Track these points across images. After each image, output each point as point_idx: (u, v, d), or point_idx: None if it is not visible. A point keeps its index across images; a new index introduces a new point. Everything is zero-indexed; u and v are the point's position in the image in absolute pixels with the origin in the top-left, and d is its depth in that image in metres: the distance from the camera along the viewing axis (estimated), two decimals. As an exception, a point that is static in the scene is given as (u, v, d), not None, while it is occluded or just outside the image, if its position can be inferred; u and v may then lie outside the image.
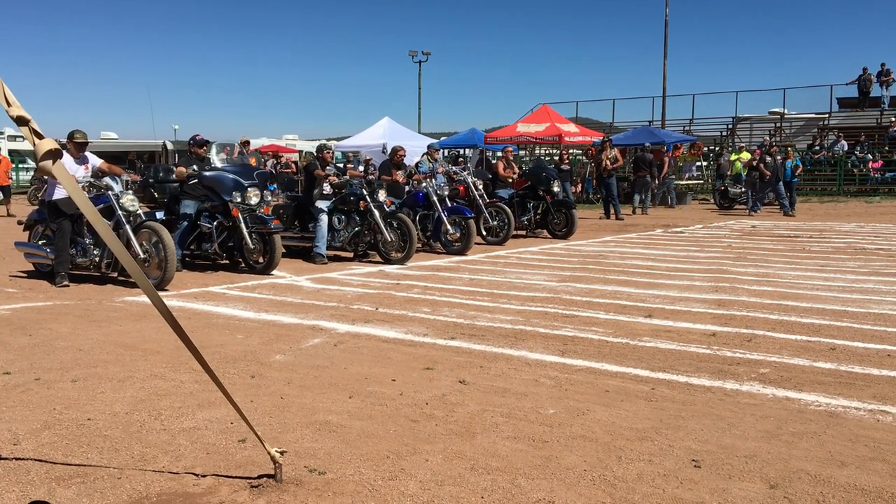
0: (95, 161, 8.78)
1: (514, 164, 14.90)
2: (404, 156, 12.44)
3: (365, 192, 10.20)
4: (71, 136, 8.52)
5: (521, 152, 29.48)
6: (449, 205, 11.68)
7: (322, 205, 10.32)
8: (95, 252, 8.13)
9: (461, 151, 27.98)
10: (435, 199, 11.47)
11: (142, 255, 7.68)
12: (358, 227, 10.30)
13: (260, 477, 3.08)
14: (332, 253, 10.51)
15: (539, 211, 14.11)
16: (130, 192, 8.11)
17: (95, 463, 3.26)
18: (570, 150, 22.87)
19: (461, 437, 3.57)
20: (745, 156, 22.44)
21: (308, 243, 10.44)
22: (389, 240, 10.02)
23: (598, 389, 4.36)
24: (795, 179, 20.54)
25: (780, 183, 19.26)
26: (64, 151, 8.17)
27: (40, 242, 8.65)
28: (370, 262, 10.26)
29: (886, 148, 28.11)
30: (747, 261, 10.23)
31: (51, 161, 2.64)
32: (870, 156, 26.90)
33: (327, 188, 10.40)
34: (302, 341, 5.56)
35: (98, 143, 33.85)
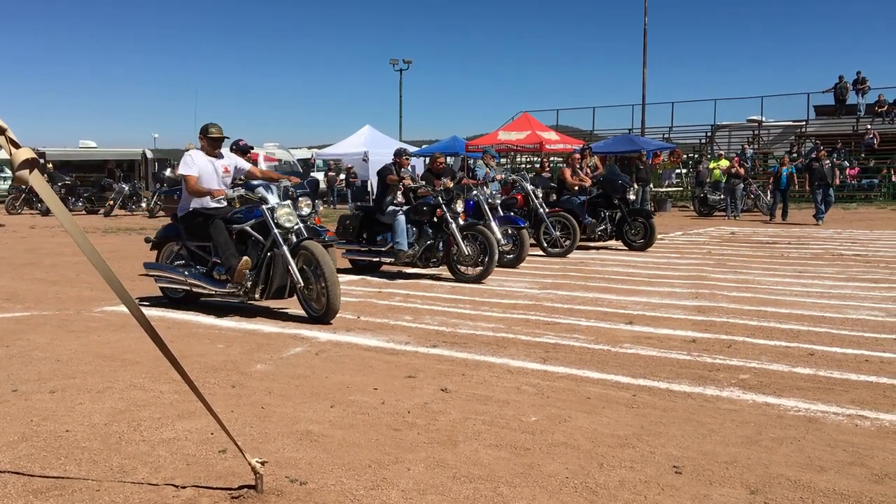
0: (241, 164, 7.53)
1: (580, 171, 13.67)
2: (444, 163, 11.47)
3: (441, 201, 9.30)
4: (205, 130, 7.20)
5: (503, 160, 29.55)
6: (501, 213, 10.98)
7: (396, 208, 9.61)
8: (248, 274, 6.66)
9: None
10: (486, 207, 10.70)
11: (301, 283, 6.46)
12: (430, 240, 9.40)
13: (241, 488, 3.06)
14: (393, 269, 9.88)
15: (614, 220, 12.93)
16: (288, 203, 6.76)
17: (73, 475, 3.22)
18: (551, 158, 22.98)
19: (443, 446, 3.56)
20: (724, 163, 22.66)
21: (376, 257, 9.68)
22: (466, 253, 9.16)
23: (579, 396, 4.37)
24: (791, 188, 20.71)
25: (824, 188, 18.57)
26: (194, 149, 7.35)
27: (176, 264, 7.31)
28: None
29: (863, 155, 28.50)
30: (727, 267, 10.31)
31: (27, 170, 2.62)
32: (846, 163, 27.24)
33: (399, 197, 9.75)
34: (283, 350, 5.53)
35: (77, 152, 33.63)
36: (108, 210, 23.32)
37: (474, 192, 10.91)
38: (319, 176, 30.69)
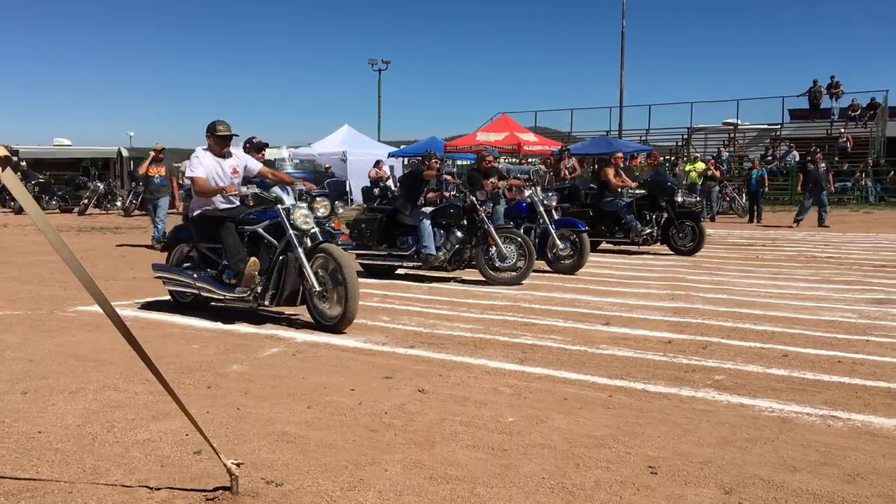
0: (252, 163, 7.19)
1: (622, 173, 12.98)
2: (492, 162, 11.01)
3: (476, 202, 8.95)
4: (212, 128, 6.90)
5: (514, 159, 29.60)
6: (556, 216, 10.41)
7: (424, 210, 9.30)
8: (256, 277, 6.38)
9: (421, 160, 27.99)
10: (542, 209, 10.16)
11: (318, 288, 6.14)
12: (459, 243, 9.07)
13: (216, 489, 3.03)
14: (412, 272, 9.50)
15: (660, 223, 12.41)
16: (305, 204, 6.44)
17: (46, 477, 3.18)
18: (530, 160, 23.04)
19: (420, 447, 3.56)
20: (700, 165, 22.83)
21: (397, 262, 9.31)
22: (506, 254, 8.87)
23: (556, 397, 4.38)
24: (763, 190, 20.92)
25: (817, 193, 18.60)
26: (198, 152, 6.96)
27: (185, 266, 7.04)
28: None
29: (836, 158, 28.85)
30: (702, 269, 10.39)
31: (0, 168, 2.58)
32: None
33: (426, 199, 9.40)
34: (259, 351, 5.50)
35: (51, 150, 33.23)
36: (82, 209, 23.09)
37: (527, 193, 10.47)
38: (298, 174, 30.51)
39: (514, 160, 23.11)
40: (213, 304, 6.89)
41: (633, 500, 2.98)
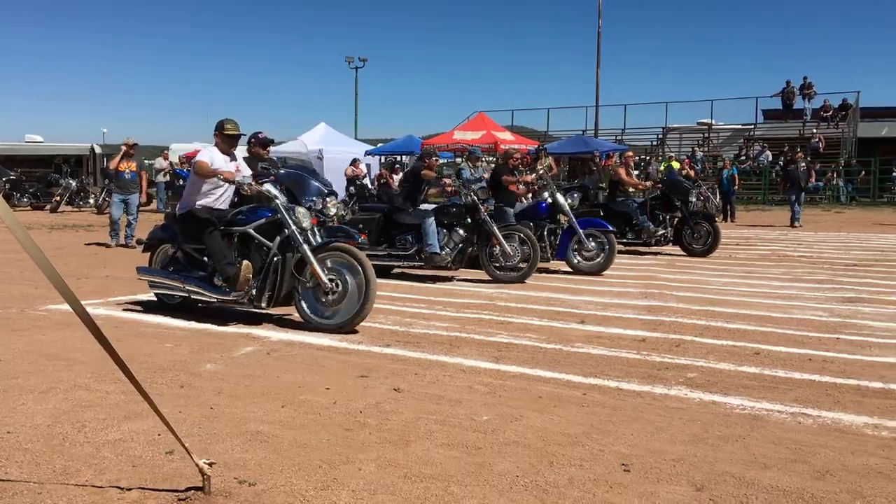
0: (245, 168, 7.03)
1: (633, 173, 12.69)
2: (519, 160, 10.80)
3: (477, 201, 8.92)
4: (220, 126, 6.77)
5: (458, 160, 29.61)
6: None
7: (426, 207, 9.23)
8: (251, 280, 6.19)
9: (398, 158, 27.96)
10: (567, 209, 9.98)
11: (330, 287, 6.00)
12: (462, 242, 9.01)
13: (188, 489, 3.01)
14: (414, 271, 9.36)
15: (673, 224, 12.24)
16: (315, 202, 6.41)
17: (15, 478, 3.14)
18: (485, 161, 23.02)
19: (395, 446, 3.55)
20: (675, 165, 22.98)
21: (396, 261, 9.18)
22: (510, 253, 8.84)
23: (531, 395, 4.39)
24: (734, 189, 21.11)
25: (797, 192, 18.74)
26: (208, 147, 6.83)
27: (171, 269, 6.84)
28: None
29: (809, 158, 29.19)
30: (676, 267, 10.48)
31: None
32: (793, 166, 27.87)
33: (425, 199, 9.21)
34: (234, 350, 5.46)
35: (22, 147, 32.76)
36: (54, 206, 22.82)
37: (546, 193, 10.20)
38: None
39: (488, 160, 23.11)
40: (200, 305, 6.76)
41: (605, 498, 3.00)
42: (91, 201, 24.30)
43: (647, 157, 32.07)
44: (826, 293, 8.16)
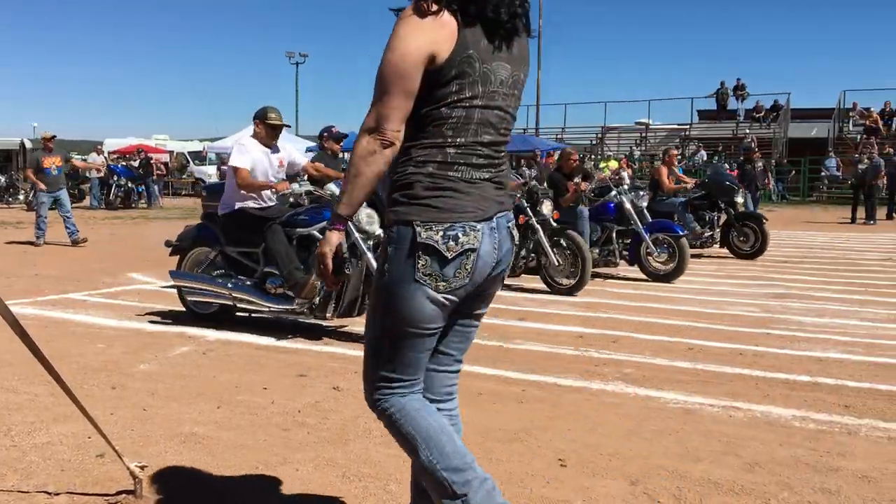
0: (296, 157, 6.43)
1: (676, 171, 11.75)
2: (577, 161, 10.08)
3: (525, 205, 8.10)
4: (263, 115, 6.03)
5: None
6: (649, 218, 9.45)
7: None
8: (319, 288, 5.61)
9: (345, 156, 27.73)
10: (632, 211, 9.14)
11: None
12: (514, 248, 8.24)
13: (118, 493, 2.94)
14: None
15: (719, 225, 11.53)
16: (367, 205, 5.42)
17: (-66, 485, 3.02)
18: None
19: (333, 445, 3.53)
20: (613, 164, 23.38)
21: None
22: (556, 264, 7.98)
23: (471, 392, 4.40)
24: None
25: (758, 193, 18.27)
26: (242, 142, 6.10)
27: (214, 273, 6.13)
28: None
29: (741, 158, 29.93)
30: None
31: None
32: (727, 165, 28.56)
33: None
34: (169, 350, 5.35)
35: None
36: (-19, 202, 22.03)
37: (613, 192, 9.38)
38: (212, 170, 29.86)
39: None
40: (238, 314, 6.23)
41: (542, 493, 3.03)
42: (21, 198, 23.55)
43: (584, 156, 32.56)
44: (757, 290, 8.39)
